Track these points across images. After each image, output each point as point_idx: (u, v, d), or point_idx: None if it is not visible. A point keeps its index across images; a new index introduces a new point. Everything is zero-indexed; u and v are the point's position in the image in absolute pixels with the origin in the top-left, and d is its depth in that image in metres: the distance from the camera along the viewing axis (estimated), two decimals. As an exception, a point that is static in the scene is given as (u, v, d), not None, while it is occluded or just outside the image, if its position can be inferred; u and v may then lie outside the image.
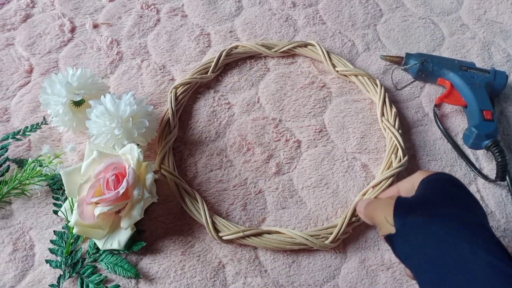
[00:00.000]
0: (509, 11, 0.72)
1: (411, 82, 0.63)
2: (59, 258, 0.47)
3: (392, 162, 0.53)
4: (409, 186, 0.40)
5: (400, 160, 0.52)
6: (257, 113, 0.59)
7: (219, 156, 0.55)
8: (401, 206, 0.36)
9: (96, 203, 0.44)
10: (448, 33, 0.69)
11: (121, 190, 0.43)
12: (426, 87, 0.63)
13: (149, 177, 0.47)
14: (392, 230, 0.35)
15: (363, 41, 0.67)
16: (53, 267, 0.46)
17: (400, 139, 0.54)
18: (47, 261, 0.46)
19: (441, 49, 0.67)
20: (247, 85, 0.61)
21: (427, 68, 0.60)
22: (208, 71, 0.60)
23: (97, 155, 0.46)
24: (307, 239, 0.47)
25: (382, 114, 0.57)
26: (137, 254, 0.48)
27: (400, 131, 0.55)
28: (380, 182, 0.51)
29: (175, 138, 0.55)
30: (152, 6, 0.69)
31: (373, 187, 0.52)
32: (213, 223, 0.48)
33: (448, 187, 0.37)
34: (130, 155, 0.47)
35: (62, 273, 0.46)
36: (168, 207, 0.51)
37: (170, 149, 0.54)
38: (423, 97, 0.62)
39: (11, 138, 0.54)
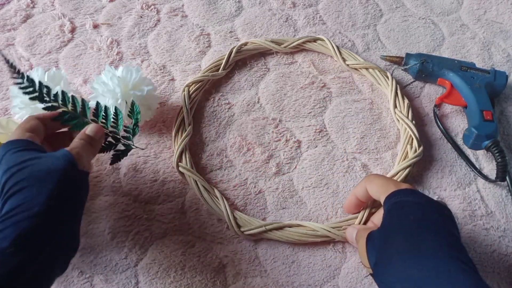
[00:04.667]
0: (509, 11, 0.72)
1: (411, 82, 0.63)
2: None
3: (408, 153, 0.53)
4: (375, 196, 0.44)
5: (415, 151, 0.53)
6: (257, 113, 0.59)
7: (219, 156, 0.55)
8: (372, 246, 0.39)
9: None
10: (448, 33, 0.69)
11: None
12: (426, 87, 0.63)
13: None
14: (370, 270, 0.39)
15: (363, 41, 0.67)
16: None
17: (415, 130, 0.54)
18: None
19: (441, 49, 0.67)
20: (247, 85, 0.61)
21: (427, 68, 0.60)
22: (219, 68, 0.60)
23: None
24: (329, 231, 0.47)
25: (395, 106, 0.57)
26: (137, 254, 0.48)
27: (414, 122, 0.55)
28: (397, 173, 0.52)
29: (190, 135, 0.55)
30: (152, 6, 0.69)
31: None
32: (235, 218, 0.49)
33: (408, 216, 0.38)
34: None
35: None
36: (168, 207, 0.51)
37: (187, 147, 0.54)
38: (423, 97, 0.62)
39: None
